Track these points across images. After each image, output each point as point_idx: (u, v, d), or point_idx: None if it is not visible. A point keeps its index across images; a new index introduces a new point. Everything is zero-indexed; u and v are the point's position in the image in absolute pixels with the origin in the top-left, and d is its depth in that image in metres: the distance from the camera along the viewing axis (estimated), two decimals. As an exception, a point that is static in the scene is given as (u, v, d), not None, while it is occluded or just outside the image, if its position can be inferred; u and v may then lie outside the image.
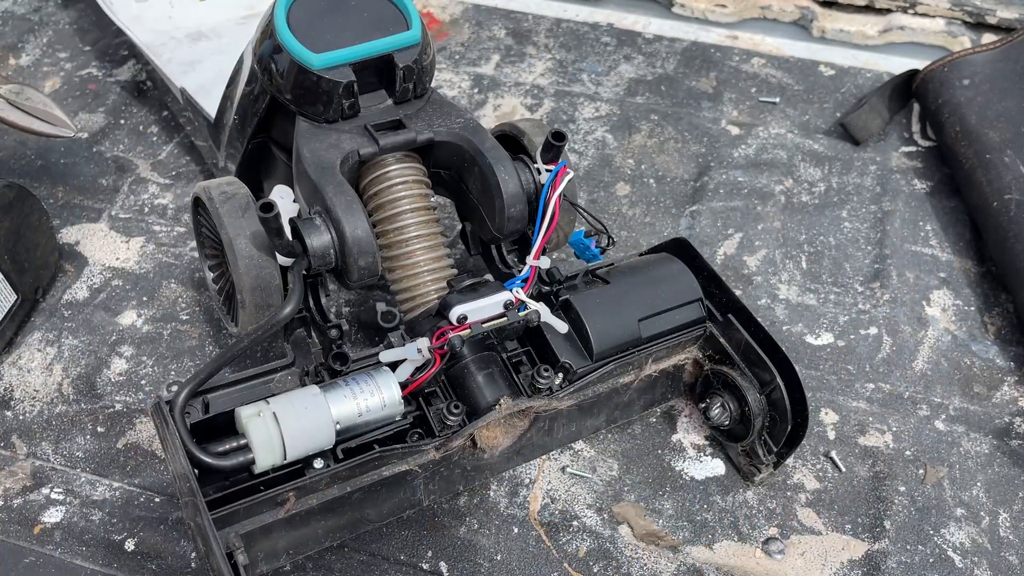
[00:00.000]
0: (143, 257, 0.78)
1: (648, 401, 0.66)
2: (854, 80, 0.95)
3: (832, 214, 0.82)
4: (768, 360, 0.59)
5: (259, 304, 0.60)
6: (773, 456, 0.61)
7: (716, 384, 0.63)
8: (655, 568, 0.60)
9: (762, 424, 0.60)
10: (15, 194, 0.70)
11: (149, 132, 0.89)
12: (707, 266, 0.65)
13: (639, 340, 0.62)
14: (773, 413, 0.60)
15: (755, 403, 0.60)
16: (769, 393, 0.60)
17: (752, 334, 0.60)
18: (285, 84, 0.60)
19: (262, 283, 0.59)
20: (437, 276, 0.61)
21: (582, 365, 0.60)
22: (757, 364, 0.60)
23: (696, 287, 0.64)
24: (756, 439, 0.61)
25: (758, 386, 0.60)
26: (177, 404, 0.52)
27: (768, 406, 0.60)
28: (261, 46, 0.62)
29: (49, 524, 0.61)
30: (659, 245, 0.68)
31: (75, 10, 1.02)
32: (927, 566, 0.60)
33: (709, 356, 0.64)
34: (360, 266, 0.57)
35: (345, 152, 0.60)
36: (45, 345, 0.72)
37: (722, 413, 0.62)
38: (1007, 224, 0.75)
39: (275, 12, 0.60)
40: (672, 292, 0.63)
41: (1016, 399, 0.69)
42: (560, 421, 0.62)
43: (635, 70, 0.97)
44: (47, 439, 0.66)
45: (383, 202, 0.61)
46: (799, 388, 0.58)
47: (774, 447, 0.61)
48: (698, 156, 0.88)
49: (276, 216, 0.53)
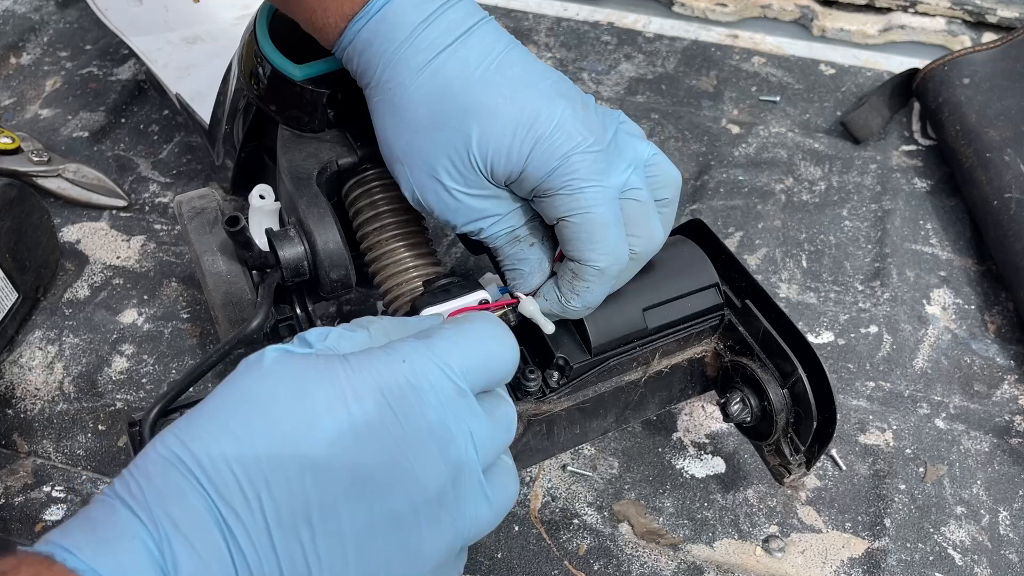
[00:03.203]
0: (144, 256, 0.78)
1: (665, 399, 0.61)
2: (854, 79, 0.95)
3: (832, 213, 0.82)
4: (788, 349, 0.54)
5: (232, 319, 0.60)
6: (801, 455, 0.56)
7: (736, 378, 0.58)
8: (655, 566, 0.60)
9: (786, 420, 0.56)
10: (16, 193, 0.70)
11: (150, 131, 0.89)
12: (724, 248, 0.59)
13: (644, 331, 0.56)
14: (797, 408, 0.55)
15: (776, 398, 0.55)
16: (791, 386, 0.55)
17: (772, 321, 0.56)
18: (268, 95, 0.59)
19: (233, 299, 0.59)
20: (420, 275, 0.61)
21: (580, 360, 0.55)
22: (778, 354, 0.55)
23: (712, 272, 0.58)
24: (781, 436, 0.56)
25: (780, 379, 0.55)
26: (147, 424, 0.51)
27: (791, 400, 0.55)
28: (244, 56, 0.61)
29: (50, 522, 0.61)
30: (676, 227, 0.62)
31: (76, 9, 1.03)
32: (927, 564, 0.60)
33: (729, 347, 0.58)
34: (332, 278, 0.56)
35: (324, 162, 0.59)
36: (46, 343, 0.72)
37: (742, 409, 0.57)
38: (1007, 223, 0.75)
39: (257, 22, 0.59)
40: (684, 278, 0.57)
41: (1016, 397, 0.69)
42: (560, 424, 0.58)
43: (635, 69, 0.97)
44: (48, 437, 0.66)
45: (363, 206, 0.61)
46: (824, 379, 0.53)
47: (801, 445, 0.56)
48: (698, 155, 0.88)
49: (242, 230, 0.52)
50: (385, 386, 0.41)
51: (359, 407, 0.40)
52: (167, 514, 0.37)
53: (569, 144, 0.49)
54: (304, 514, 0.38)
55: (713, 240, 0.60)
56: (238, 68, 0.62)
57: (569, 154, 0.49)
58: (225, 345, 0.54)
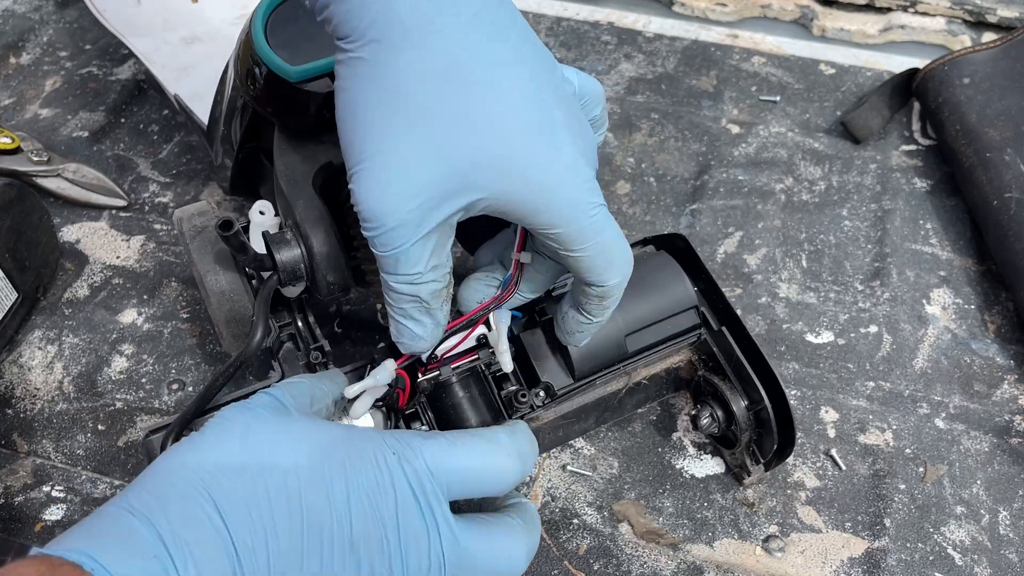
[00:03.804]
0: (144, 255, 0.78)
1: (642, 400, 0.66)
2: (854, 79, 0.95)
3: (832, 212, 0.82)
4: (758, 381, 0.58)
5: (236, 335, 0.60)
6: (761, 466, 0.61)
7: (707, 391, 0.62)
8: (655, 566, 0.60)
9: (749, 438, 0.60)
10: (16, 192, 0.70)
11: (150, 131, 0.89)
12: (704, 270, 0.63)
13: (625, 355, 0.60)
14: (760, 430, 0.59)
15: (742, 418, 0.59)
16: (757, 412, 0.59)
17: (744, 349, 0.59)
18: (264, 96, 0.59)
19: (236, 316, 0.60)
20: None
21: (563, 386, 0.59)
22: (747, 381, 0.59)
23: (691, 295, 0.61)
24: (744, 450, 0.61)
25: (747, 401, 0.59)
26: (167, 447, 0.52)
27: (755, 423, 0.59)
28: (241, 57, 0.60)
29: (50, 522, 0.61)
30: (654, 238, 0.66)
31: (75, 9, 1.02)
32: (927, 564, 0.60)
33: (703, 361, 0.62)
34: (329, 281, 0.56)
35: (320, 164, 0.59)
36: (46, 343, 0.72)
37: (711, 423, 0.61)
38: (1007, 222, 0.75)
39: (253, 22, 0.58)
40: (664, 300, 0.61)
41: (1016, 397, 0.69)
42: (544, 431, 0.61)
43: (635, 69, 0.97)
44: (48, 437, 0.66)
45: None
46: (787, 409, 0.57)
47: (761, 458, 0.61)
48: (698, 155, 0.88)
49: (236, 234, 0.52)
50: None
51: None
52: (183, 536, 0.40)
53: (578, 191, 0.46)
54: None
55: (695, 260, 0.63)
56: (234, 69, 0.62)
57: (578, 201, 0.46)
58: (229, 367, 0.55)
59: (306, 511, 0.42)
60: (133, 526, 0.40)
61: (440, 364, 0.55)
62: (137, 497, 0.41)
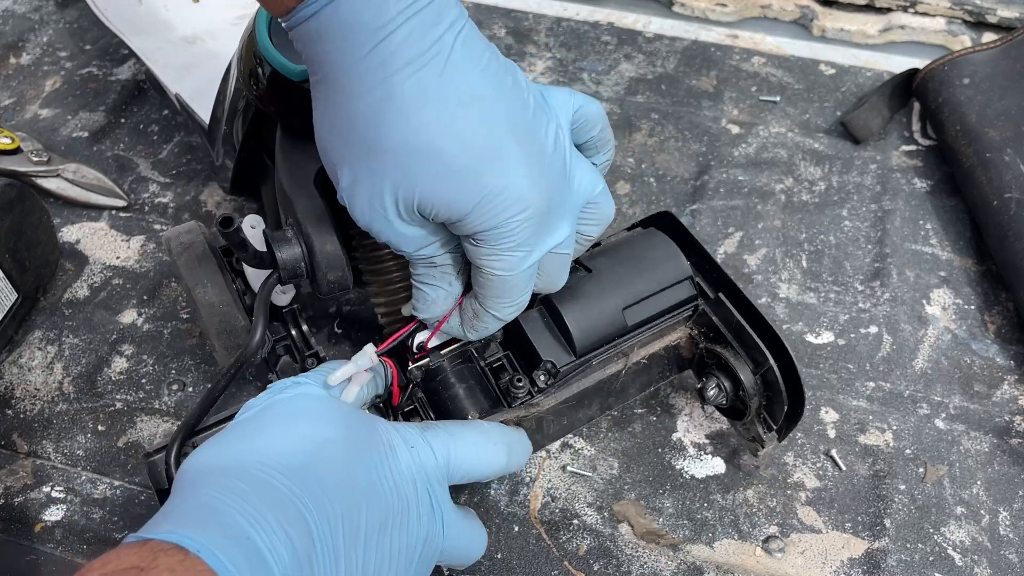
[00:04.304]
0: (143, 256, 0.78)
1: (645, 383, 0.64)
2: (854, 79, 0.95)
3: (832, 213, 0.82)
4: (760, 342, 0.57)
5: (228, 346, 0.61)
6: (774, 432, 0.60)
7: (711, 363, 0.61)
8: (655, 566, 0.60)
9: (759, 404, 0.59)
10: (16, 193, 0.70)
11: (150, 131, 0.89)
12: (695, 242, 0.63)
13: (625, 329, 0.60)
14: (768, 393, 0.58)
15: (749, 384, 0.58)
16: (763, 373, 0.58)
17: (744, 313, 0.59)
18: (267, 95, 0.59)
19: (227, 327, 0.60)
20: (408, 294, 0.61)
21: (565, 363, 0.59)
22: (749, 344, 0.58)
23: (685, 266, 0.62)
24: (755, 417, 0.60)
25: (752, 366, 0.58)
26: (172, 454, 0.53)
27: (763, 386, 0.58)
28: (243, 56, 0.61)
29: (50, 522, 0.61)
30: (645, 219, 0.66)
31: (75, 9, 1.02)
32: (927, 564, 0.60)
33: (703, 333, 0.61)
34: (329, 280, 0.57)
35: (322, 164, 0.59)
36: (46, 344, 0.72)
37: (718, 394, 0.60)
38: (1007, 223, 0.75)
39: (257, 22, 0.58)
40: (659, 273, 0.61)
41: (1016, 398, 0.69)
42: (548, 419, 0.60)
43: (635, 69, 0.97)
44: (48, 437, 0.66)
45: None
46: (793, 368, 0.56)
47: (773, 424, 0.59)
48: (698, 155, 0.88)
49: (237, 230, 0.53)
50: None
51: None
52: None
53: (512, 210, 0.48)
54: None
55: (682, 231, 0.63)
56: (237, 68, 0.62)
57: (510, 219, 0.48)
58: (230, 369, 0.55)
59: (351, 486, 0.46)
60: (219, 509, 0.42)
61: (428, 353, 0.57)
62: (213, 487, 0.43)
